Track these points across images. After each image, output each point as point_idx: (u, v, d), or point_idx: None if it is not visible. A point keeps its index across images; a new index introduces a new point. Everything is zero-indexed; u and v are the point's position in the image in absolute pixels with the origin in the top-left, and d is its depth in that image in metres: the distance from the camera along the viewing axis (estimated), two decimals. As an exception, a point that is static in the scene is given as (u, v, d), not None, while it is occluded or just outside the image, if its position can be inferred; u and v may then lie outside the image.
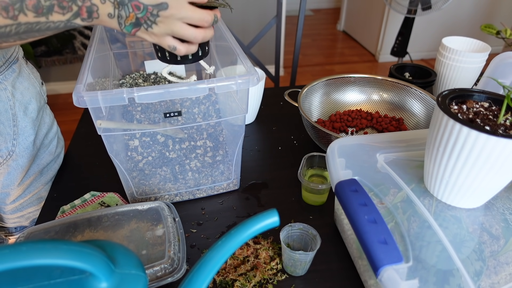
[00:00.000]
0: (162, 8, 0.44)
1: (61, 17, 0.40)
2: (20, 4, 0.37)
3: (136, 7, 0.43)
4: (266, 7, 2.63)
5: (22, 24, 0.38)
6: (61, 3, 0.39)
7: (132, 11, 0.43)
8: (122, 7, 0.42)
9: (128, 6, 0.43)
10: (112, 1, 0.42)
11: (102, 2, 0.41)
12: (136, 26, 0.45)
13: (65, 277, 0.35)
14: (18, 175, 0.72)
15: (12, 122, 0.68)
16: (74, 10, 0.40)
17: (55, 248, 0.32)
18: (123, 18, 0.43)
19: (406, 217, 0.47)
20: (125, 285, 0.36)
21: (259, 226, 0.38)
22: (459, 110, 0.45)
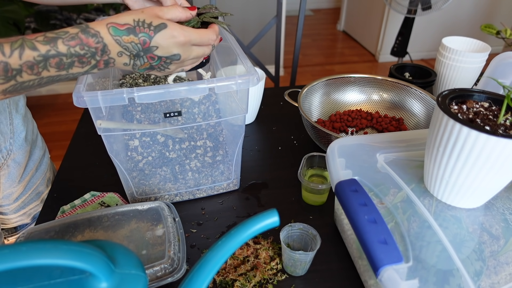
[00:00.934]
0: (175, 58, 0.48)
1: (80, 70, 0.43)
2: (44, 63, 0.40)
3: (151, 58, 0.47)
4: (266, 7, 2.63)
5: (44, 78, 0.41)
6: (81, 59, 0.42)
7: (147, 61, 0.47)
8: (137, 58, 0.46)
9: (144, 58, 0.46)
10: (128, 54, 0.45)
11: (119, 55, 0.45)
12: (149, 70, 0.49)
13: (65, 277, 0.35)
14: (18, 173, 0.73)
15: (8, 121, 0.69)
16: (93, 63, 0.44)
17: (55, 248, 0.32)
18: (138, 66, 0.47)
19: (406, 217, 0.47)
20: (125, 285, 0.36)
21: (259, 226, 0.38)
22: (459, 110, 0.45)
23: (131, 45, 0.45)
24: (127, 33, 0.44)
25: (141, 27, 0.45)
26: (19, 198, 0.76)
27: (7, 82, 0.39)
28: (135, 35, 0.44)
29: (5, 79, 0.39)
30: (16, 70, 0.39)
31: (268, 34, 2.43)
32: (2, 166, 0.70)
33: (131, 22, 0.44)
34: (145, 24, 0.45)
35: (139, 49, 0.45)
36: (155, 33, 0.45)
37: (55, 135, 2.25)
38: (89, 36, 0.42)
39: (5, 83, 0.39)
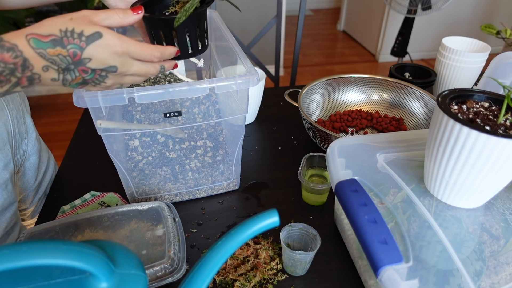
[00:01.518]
0: (111, 70, 0.42)
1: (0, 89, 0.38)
2: None
3: (84, 71, 0.41)
4: (266, 7, 2.63)
5: None
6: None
7: (79, 75, 0.41)
8: (67, 72, 0.40)
9: (75, 71, 0.41)
10: (56, 68, 0.39)
11: (45, 70, 0.39)
12: (82, 84, 0.44)
13: (65, 277, 0.35)
14: (33, 175, 0.72)
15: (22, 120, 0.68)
16: (13, 81, 0.38)
17: (55, 248, 0.32)
18: (68, 81, 0.42)
19: (406, 217, 0.47)
20: (125, 285, 0.36)
21: (259, 226, 0.38)
22: (459, 110, 0.45)
23: (59, 58, 0.39)
24: (52, 45, 0.38)
25: (70, 38, 0.39)
26: (34, 202, 0.75)
27: None
28: (63, 47, 0.38)
29: None
30: None
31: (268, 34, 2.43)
32: (20, 168, 0.69)
33: (56, 32, 0.38)
34: (75, 34, 0.39)
35: (69, 62, 0.39)
36: (87, 44, 0.39)
37: (55, 135, 2.25)
38: (4, 50, 0.36)
39: None
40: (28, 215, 0.76)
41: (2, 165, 0.60)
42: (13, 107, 0.65)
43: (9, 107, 0.64)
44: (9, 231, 0.64)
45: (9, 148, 0.63)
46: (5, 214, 0.63)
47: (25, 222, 0.76)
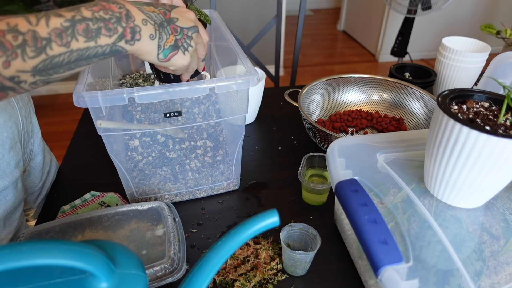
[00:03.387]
0: (195, 30, 0.50)
1: (108, 40, 0.42)
2: (72, 29, 0.39)
3: (174, 29, 0.48)
4: (266, 7, 2.63)
5: (74, 51, 0.40)
6: (107, 25, 0.42)
7: (171, 33, 0.47)
8: (162, 29, 0.47)
9: (168, 29, 0.47)
10: (153, 24, 0.46)
11: (144, 23, 0.45)
12: (174, 49, 0.49)
13: (65, 277, 0.35)
14: (38, 174, 0.72)
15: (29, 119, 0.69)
16: (120, 31, 0.43)
17: (56, 248, 0.32)
18: (164, 40, 0.47)
19: (406, 217, 0.47)
20: (125, 285, 0.36)
21: (259, 226, 0.38)
22: (459, 110, 0.45)
23: (154, 14, 0.46)
24: (147, 5, 0.46)
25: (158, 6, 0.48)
26: (37, 202, 0.75)
27: (37, 56, 0.37)
28: (155, 7, 0.47)
29: (35, 51, 0.37)
30: (46, 40, 0.37)
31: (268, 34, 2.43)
32: (27, 167, 0.69)
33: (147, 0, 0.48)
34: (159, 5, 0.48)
35: (162, 19, 0.47)
36: (171, 8, 0.49)
37: (55, 135, 2.25)
38: (110, 2, 0.42)
39: (36, 57, 0.37)
40: (31, 215, 0.76)
41: (14, 163, 0.61)
42: (22, 105, 0.66)
43: (18, 105, 0.64)
44: (18, 231, 0.65)
45: (19, 146, 0.63)
46: (16, 214, 0.63)
47: (28, 223, 0.76)
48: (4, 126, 0.59)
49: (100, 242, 0.41)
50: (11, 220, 0.62)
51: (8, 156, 0.59)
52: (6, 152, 0.59)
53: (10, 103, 0.61)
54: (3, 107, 0.59)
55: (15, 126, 0.62)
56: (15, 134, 0.62)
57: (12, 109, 0.62)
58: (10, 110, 0.61)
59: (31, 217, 0.76)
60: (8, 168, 0.59)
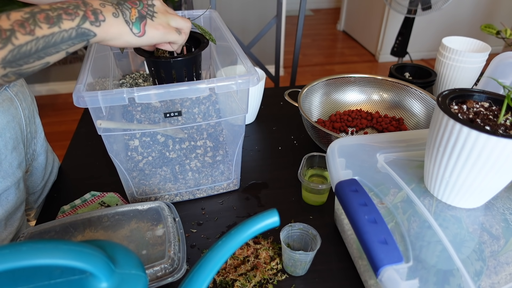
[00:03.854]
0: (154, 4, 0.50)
1: (71, 24, 0.42)
2: (33, 19, 0.40)
3: (133, 3, 0.48)
4: (266, 7, 2.63)
5: (40, 38, 0.41)
6: (67, 11, 0.42)
7: (131, 6, 0.48)
8: (121, 6, 0.47)
9: (126, 4, 0.47)
10: (111, 4, 0.46)
11: (102, 6, 0.45)
12: (142, 19, 0.49)
13: (66, 277, 0.35)
14: (40, 175, 0.72)
15: (33, 119, 0.69)
16: (81, 14, 0.43)
17: (56, 248, 0.32)
18: (127, 15, 0.47)
19: (406, 217, 0.47)
20: (125, 285, 0.36)
21: (259, 226, 0.38)
22: (459, 110, 0.45)
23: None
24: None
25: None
26: (38, 203, 0.75)
27: (4, 47, 0.38)
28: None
29: (1, 42, 0.38)
30: (9, 31, 0.38)
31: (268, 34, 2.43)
32: (29, 167, 0.69)
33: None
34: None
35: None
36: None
37: (55, 135, 2.25)
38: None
39: (3, 48, 0.38)
40: (32, 215, 0.76)
41: (17, 163, 0.61)
42: (26, 106, 0.66)
43: (22, 106, 0.64)
44: (19, 231, 0.65)
45: (22, 147, 0.63)
46: (17, 214, 0.63)
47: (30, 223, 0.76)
48: (7, 127, 0.59)
49: (100, 242, 0.41)
50: (12, 220, 0.62)
51: (10, 157, 0.59)
52: (9, 152, 0.59)
53: (13, 104, 0.61)
54: (6, 108, 0.59)
55: (18, 127, 0.62)
56: (18, 134, 0.62)
57: (16, 110, 0.62)
58: (14, 111, 0.61)
59: (32, 217, 0.76)
60: (11, 168, 0.59)
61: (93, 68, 0.61)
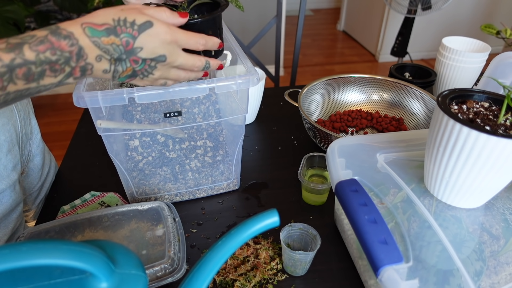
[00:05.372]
0: (160, 60, 0.43)
1: (53, 80, 0.38)
2: (10, 74, 0.35)
3: (135, 61, 0.42)
4: (266, 7, 2.63)
5: (11, 93, 0.36)
6: (53, 67, 0.37)
7: (130, 66, 0.42)
8: (119, 62, 0.41)
9: (126, 62, 0.41)
10: (109, 58, 0.40)
11: (98, 60, 0.40)
12: (131, 77, 0.45)
13: (65, 277, 0.35)
14: (37, 176, 0.72)
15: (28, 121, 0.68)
16: (67, 71, 0.38)
17: (56, 248, 0.32)
18: (119, 72, 0.42)
19: (406, 217, 0.47)
20: (125, 285, 0.36)
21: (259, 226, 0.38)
22: (459, 110, 0.45)
23: (112, 47, 0.39)
24: (107, 34, 0.39)
25: (123, 27, 0.39)
26: (36, 203, 0.75)
27: None
28: (116, 36, 0.39)
29: None
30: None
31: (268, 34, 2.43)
32: (25, 169, 0.69)
33: (110, 21, 0.39)
34: (127, 23, 0.40)
35: (121, 52, 0.40)
36: (139, 32, 0.40)
37: (55, 135, 2.25)
38: (61, 38, 0.37)
39: None
40: (31, 216, 0.76)
41: (12, 166, 0.60)
42: (21, 108, 0.65)
43: (17, 108, 0.64)
44: (15, 232, 0.64)
45: (17, 149, 0.63)
46: (12, 215, 0.63)
47: (28, 223, 0.76)
48: (2, 129, 0.58)
49: (100, 242, 0.41)
50: (6, 222, 0.62)
51: (5, 160, 0.59)
52: (4, 155, 0.58)
53: (8, 106, 0.61)
54: (1, 111, 0.59)
55: (13, 129, 0.61)
56: (13, 137, 0.61)
57: (11, 112, 0.62)
58: (9, 113, 0.61)
59: (31, 218, 0.76)
60: (5, 171, 0.59)
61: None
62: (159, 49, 0.42)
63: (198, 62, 0.48)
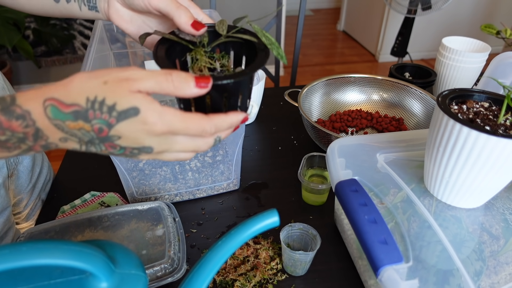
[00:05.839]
0: (145, 151, 0.33)
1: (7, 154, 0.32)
2: None
3: (111, 147, 0.33)
4: (266, 7, 2.63)
5: None
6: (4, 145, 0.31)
7: (105, 149, 0.33)
8: (91, 144, 0.32)
9: (100, 146, 0.33)
10: (77, 140, 0.32)
11: (63, 141, 0.32)
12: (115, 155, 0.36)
13: (65, 277, 0.35)
14: (26, 178, 0.71)
15: None
16: (24, 148, 0.32)
17: (56, 248, 0.32)
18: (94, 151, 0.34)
19: (406, 217, 0.47)
20: (125, 285, 0.36)
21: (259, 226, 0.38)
22: (459, 110, 0.45)
23: (80, 132, 0.31)
24: (74, 118, 0.30)
25: (97, 111, 0.30)
26: (28, 205, 0.75)
27: None
28: (86, 121, 0.30)
29: None
30: None
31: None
32: (14, 171, 0.69)
33: (82, 101, 0.30)
34: (104, 106, 0.30)
35: (93, 137, 0.31)
36: (118, 121, 0.30)
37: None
38: (13, 118, 0.29)
39: None
40: (23, 218, 0.75)
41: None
42: None
43: None
44: (2, 236, 0.63)
45: None
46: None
47: (20, 225, 0.75)
48: None
49: (100, 242, 0.41)
50: None
51: None
52: None
53: None
54: None
55: None
56: None
57: None
58: None
59: (23, 219, 0.75)
60: None
61: (93, 68, 0.61)
62: (143, 140, 0.32)
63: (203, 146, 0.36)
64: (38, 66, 2.56)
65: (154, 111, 0.31)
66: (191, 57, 0.41)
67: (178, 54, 0.41)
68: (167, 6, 0.40)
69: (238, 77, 0.34)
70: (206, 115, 0.34)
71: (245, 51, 0.42)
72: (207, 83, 0.32)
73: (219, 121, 0.35)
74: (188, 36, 0.40)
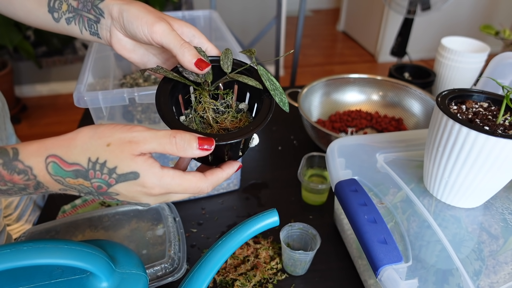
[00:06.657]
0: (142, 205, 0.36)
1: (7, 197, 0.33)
2: None
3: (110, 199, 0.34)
4: (266, 7, 2.63)
5: None
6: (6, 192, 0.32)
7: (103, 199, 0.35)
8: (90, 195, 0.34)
9: (99, 196, 0.34)
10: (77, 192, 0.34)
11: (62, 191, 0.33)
12: None
13: (66, 277, 0.35)
14: None
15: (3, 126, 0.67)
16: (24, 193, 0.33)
17: (56, 248, 0.32)
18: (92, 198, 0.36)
19: (406, 217, 0.47)
20: (126, 285, 0.36)
21: (259, 226, 0.38)
22: (459, 110, 0.46)
23: (79, 187, 0.32)
24: (74, 176, 0.31)
25: (98, 172, 0.31)
26: (19, 206, 0.74)
27: None
28: (86, 179, 0.31)
29: None
30: None
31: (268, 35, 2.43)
32: None
33: (83, 161, 0.31)
34: (105, 168, 0.31)
35: (91, 192, 0.33)
36: (117, 182, 0.32)
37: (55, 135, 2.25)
38: (14, 172, 0.30)
39: None
40: (14, 219, 0.75)
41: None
42: None
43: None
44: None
45: None
46: None
47: (11, 226, 0.75)
48: None
49: (100, 242, 0.41)
50: None
51: None
52: None
53: None
54: None
55: None
56: None
57: None
58: None
59: (14, 221, 0.74)
60: None
61: (94, 68, 0.61)
62: (140, 199, 0.34)
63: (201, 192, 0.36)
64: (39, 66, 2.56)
65: (153, 176, 0.32)
66: (195, 96, 0.41)
67: (181, 90, 0.41)
68: (170, 43, 0.39)
69: (241, 136, 0.35)
70: (203, 175, 0.35)
71: (250, 86, 0.42)
72: (210, 145, 0.33)
73: (216, 179, 0.36)
74: (192, 76, 0.40)
